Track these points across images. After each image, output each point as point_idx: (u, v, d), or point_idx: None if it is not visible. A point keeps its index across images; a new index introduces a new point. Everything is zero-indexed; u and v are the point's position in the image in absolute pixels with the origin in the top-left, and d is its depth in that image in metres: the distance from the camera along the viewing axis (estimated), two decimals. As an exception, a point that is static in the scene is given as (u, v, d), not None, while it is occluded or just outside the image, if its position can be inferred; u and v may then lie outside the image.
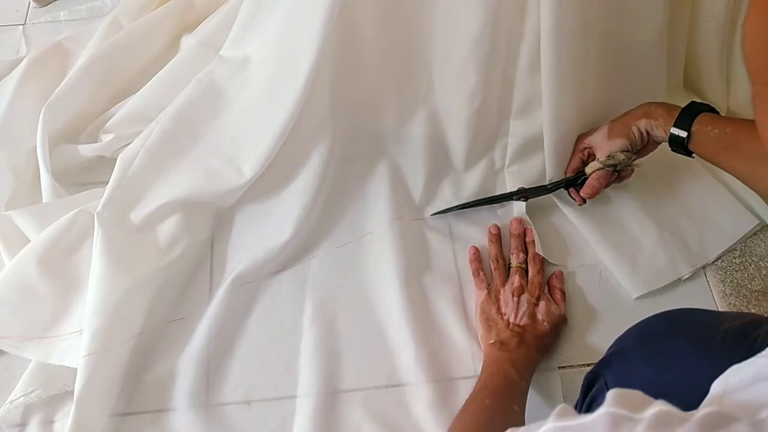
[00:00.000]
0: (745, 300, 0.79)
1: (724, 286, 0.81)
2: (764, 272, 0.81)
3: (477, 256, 0.82)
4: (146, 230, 0.81)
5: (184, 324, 0.78)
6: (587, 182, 0.80)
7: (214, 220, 0.86)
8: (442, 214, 0.86)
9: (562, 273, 0.81)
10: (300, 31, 0.77)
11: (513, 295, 0.77)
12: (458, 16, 0.75)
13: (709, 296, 0.80)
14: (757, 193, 0.66)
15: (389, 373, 0.75)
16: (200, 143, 0.86)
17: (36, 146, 0.89)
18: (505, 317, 0.75)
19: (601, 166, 0.78)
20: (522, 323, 0.74)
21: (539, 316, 0.75)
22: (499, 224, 0.85)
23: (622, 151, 0.76)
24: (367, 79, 0.84)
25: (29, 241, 0.81)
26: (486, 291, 0.78)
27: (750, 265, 0.82)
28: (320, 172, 0.85)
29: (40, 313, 0.76)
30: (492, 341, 0.73)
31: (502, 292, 0.78)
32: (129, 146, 0.87)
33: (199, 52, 0.96)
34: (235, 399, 0.74)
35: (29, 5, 1.15)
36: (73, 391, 0.69)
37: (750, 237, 0.84)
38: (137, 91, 0.95)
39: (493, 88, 0.81)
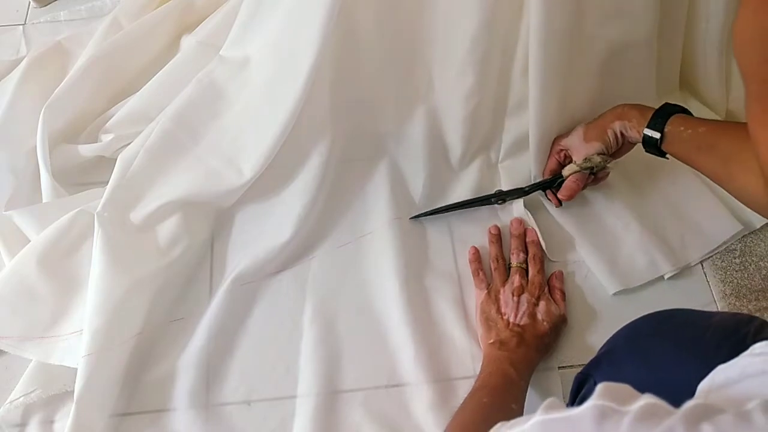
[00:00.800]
0: (745, 300, 0.79)
1: (724, 286, 0.80)
2: (764, 272, 0.81)
3: (477, 256, 0.82)
4: (146, 230, 0.81)
5: (184, 324, 0.78)
6: (564, 184, 0.81)
7: (214, 220, 0.86)
8: (429, 217, 0.86)
9: (562, 273, 0.81)
10: (300, 31, 0.77)
11: (513, 295, 0.77)
12: (458, 16, 0.75)
13: (709, 296, 0.80)
14: (729, 193, 0.66)
15: (389, 373, 0.75)
16: (200, 143, 0.86)
17: (36, 146, 0.89)
18: (505, 317, 0.75)
19: (578, 168, 0.79)
20: (522, 323, 0.74)
21: (539, 316, 0.75)
22: (499, 224, 0.85)
23: (598, 154, 0.77)
24: (367, 79, 0.84)
25: (29, 241, 0.81)
26: (486, 291, 0.78)
27: (750, 265, 0.82)
28: (320, 172, 0.85)
29: (40, 313, 0.76)
30: (492, 341, 0.73)
31: (502, 292, 0.78)
32: (129, 146, 0.87)
33: (199, 52, 0.96)
34: (235, 399, 0.74)
35: (29, 5, 1.15)
36: (73, 391, 0.69)
37: (750, 237, 0.84)
38: (137, 91, 0.95)
39: (489, 87, 0.81)
